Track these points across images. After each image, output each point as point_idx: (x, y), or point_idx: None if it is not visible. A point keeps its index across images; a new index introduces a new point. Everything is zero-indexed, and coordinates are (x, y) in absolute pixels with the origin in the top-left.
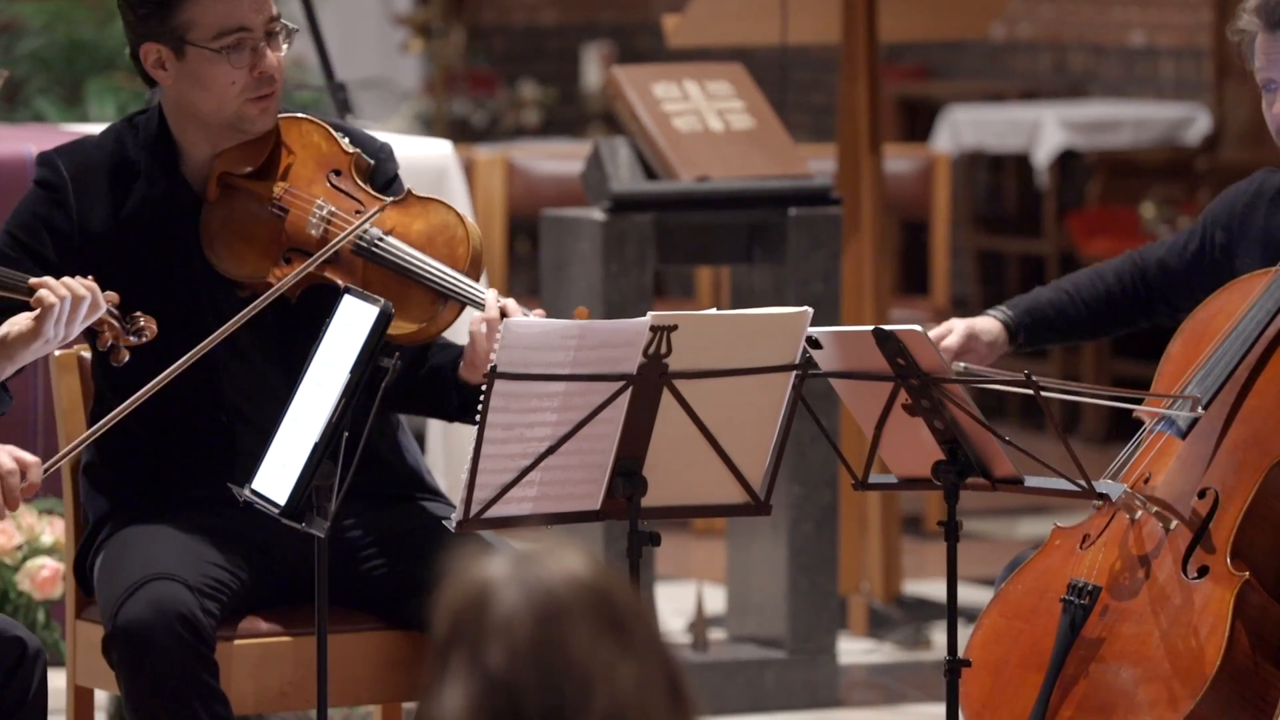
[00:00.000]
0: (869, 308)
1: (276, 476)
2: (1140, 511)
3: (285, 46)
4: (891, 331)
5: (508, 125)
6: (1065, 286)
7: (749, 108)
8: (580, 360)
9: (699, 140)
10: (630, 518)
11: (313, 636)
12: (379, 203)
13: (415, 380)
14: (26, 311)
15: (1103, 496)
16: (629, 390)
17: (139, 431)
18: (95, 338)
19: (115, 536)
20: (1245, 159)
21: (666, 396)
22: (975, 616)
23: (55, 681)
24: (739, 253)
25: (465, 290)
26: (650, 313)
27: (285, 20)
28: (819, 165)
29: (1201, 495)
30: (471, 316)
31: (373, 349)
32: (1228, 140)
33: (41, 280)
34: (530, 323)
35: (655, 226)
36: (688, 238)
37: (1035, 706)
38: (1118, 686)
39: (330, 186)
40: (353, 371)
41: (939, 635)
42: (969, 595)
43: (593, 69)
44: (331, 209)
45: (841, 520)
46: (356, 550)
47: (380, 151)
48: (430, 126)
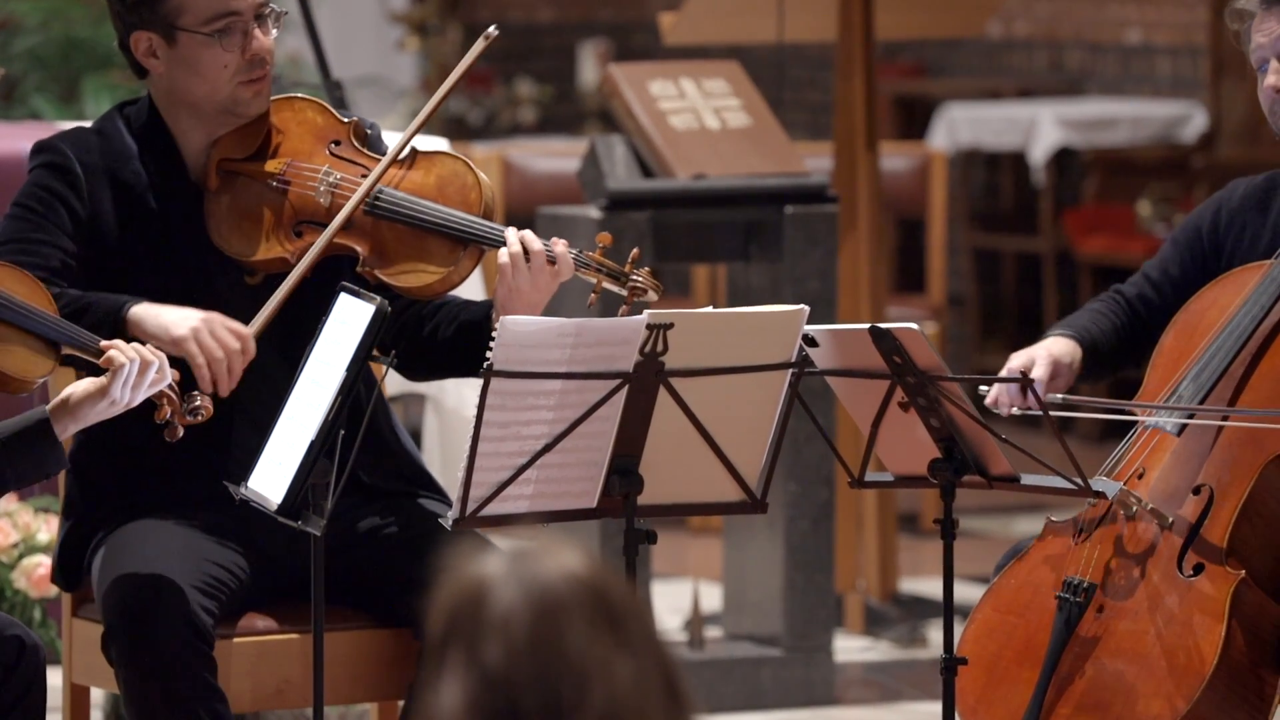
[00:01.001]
0: (865, 305)
1: (273, 474)
2: (1135, 509)
3: (275, 29)
4: (888, 329)
5: (504, 123)
6: (1090, 311)
7: (745, 105)
8: (576, 358)
9: (695, 138)
10: (626, 515)
11: (309, 634)
12: (381, 164)
13: (443, 342)
14: (91, 377)
15: (1098, 494)
16: (625, 388)
17: (134, 422)
18: (154, 410)
19: (114, 534)
20: (1241, 156)
21: (663, 394)
22: (970, 613)
23: (51, 679)
24: (735, 250)
25: (483, 231)
26: (646, 310)
27: (274, 4)
28: (815, 163)
29: (1196, 492)
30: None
31: (369, 346)
32: (1224, 138)
33: (112, 342)
34: (526, 321)
35: (652, 224)
36: (684, 235)
37: (1030, 703)
38: (1113, 684)
39: (332, 155)
40: (349, 369)
41: (935, 633)
42: (965, 593)
43: (589, 67)
44: (338, 175)
45: (838, 518)
46: (353, 549)
47: (373, 126)
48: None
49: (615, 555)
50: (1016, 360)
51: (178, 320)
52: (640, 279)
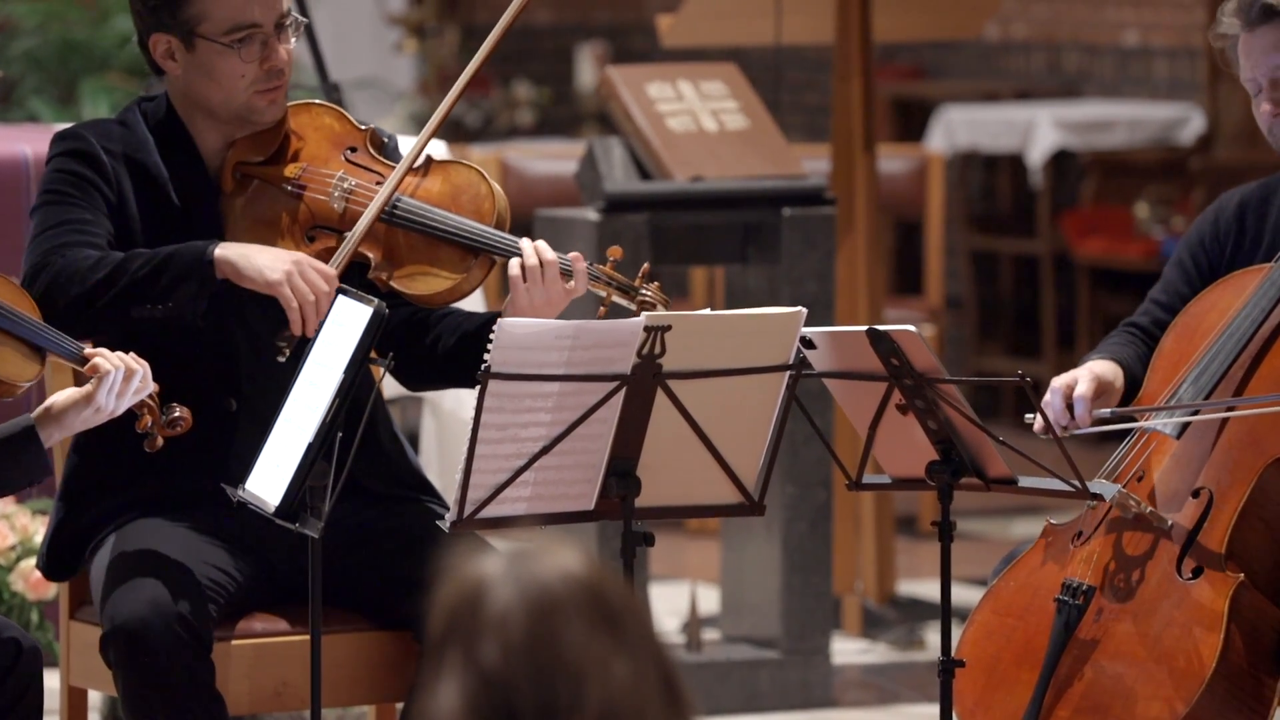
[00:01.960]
0: (863, 308)
1: (270, 476)
2: (1134, 511)
3: (294, 39)
4: (885, 331)
5: (502, 125)
6: (1115, 341)
7: (743, 108)
8: (574, 360)
9: (693, 140)
10: (624, 518)
11: (307, 636)
12: (396, 172)
13: (444, 352)
14: (74, 387)
15: (1097, 497)
16: (623, 390)
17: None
18: (135, 420)
19: (113, 535)
20: (1239, 159)
21: (660, 397)
22: (969, 616)
23: (49, 682)
24: (733, 253)
25: (496, 241)
26: (644, 313)
27: (294, 15)
28: (813, 165)
29: (1196, 495)
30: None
31: (367, 349)
32: (1222, 140)
33: (96, 351)
34: (524, 323)
35: (649, 226)
36: (682, 238)
37: (1029, 706)
38: (1112, 687)
39: (348, 161)
40: (347, 371)
41: (933, 635)
42: (963, 595)
43: (587, 69)
44: (353, 181)
45: (835, 520)
46: (351, 551)
47: (390, 138)
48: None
49: (613, 557)
50: (1059, 381)
51: (270, 264)
52: (650, 293)
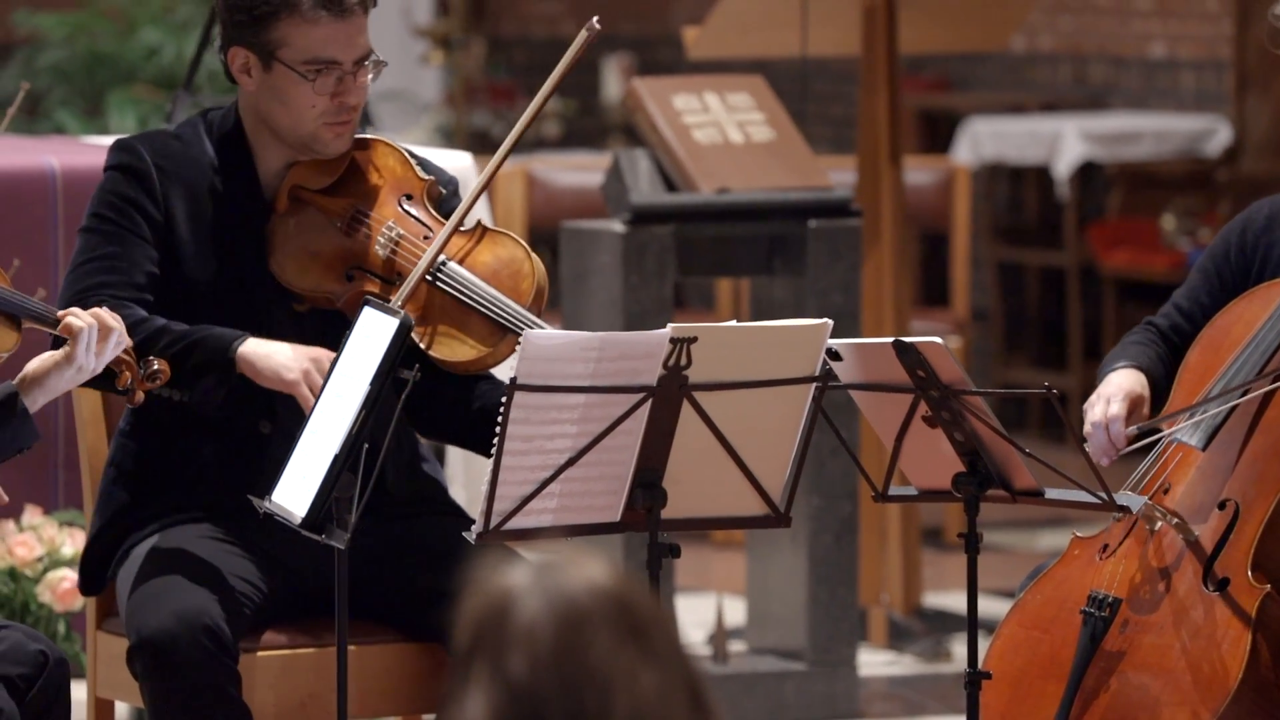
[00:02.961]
0: (889, 319)
1: (296, 488)
2: (1160, 523)
3: (372, 77)
4: (912, 343)
5: (528, 137)
6: (1132, 346)
7: (769, 119)
8: (600, 372)
9: (719, 152)
10: (650, 529)
11: (333, 648)
12: (447, 230)
13: (466, 417)
14: (52, 351)
15: (1123, 509)
16: (649, 402)
17: (176, 429)
18: (115, 378)
19: (140, 546)
20: (1266, 170)
21: (686, 408)
22: (995, 628)
23: (76, 693)
24: (759, 264)
25: (525, 323)
26: (670, 324)
27: (376, 55)
28: (839, 177)
29: (1222, 507)
30: None
31: (393, 360)
32: (1248, 152)
33: (68, 310)
34: (550, 334)
35: (675, 238)
36: (708, 249)
37: (1055, 718)
38: (1138, 699)
39: (401, 210)
40: (373, 383)
41: (959, 647)
42: (989, 607)
43: (613, 81)
44: (400, 231)
45: (861, 532)
46: (377, 562)
47: (449, 184)
48: (451, 138)
49: (639, 569)
50: (1098, 414)
51: (287, 363)
52: None
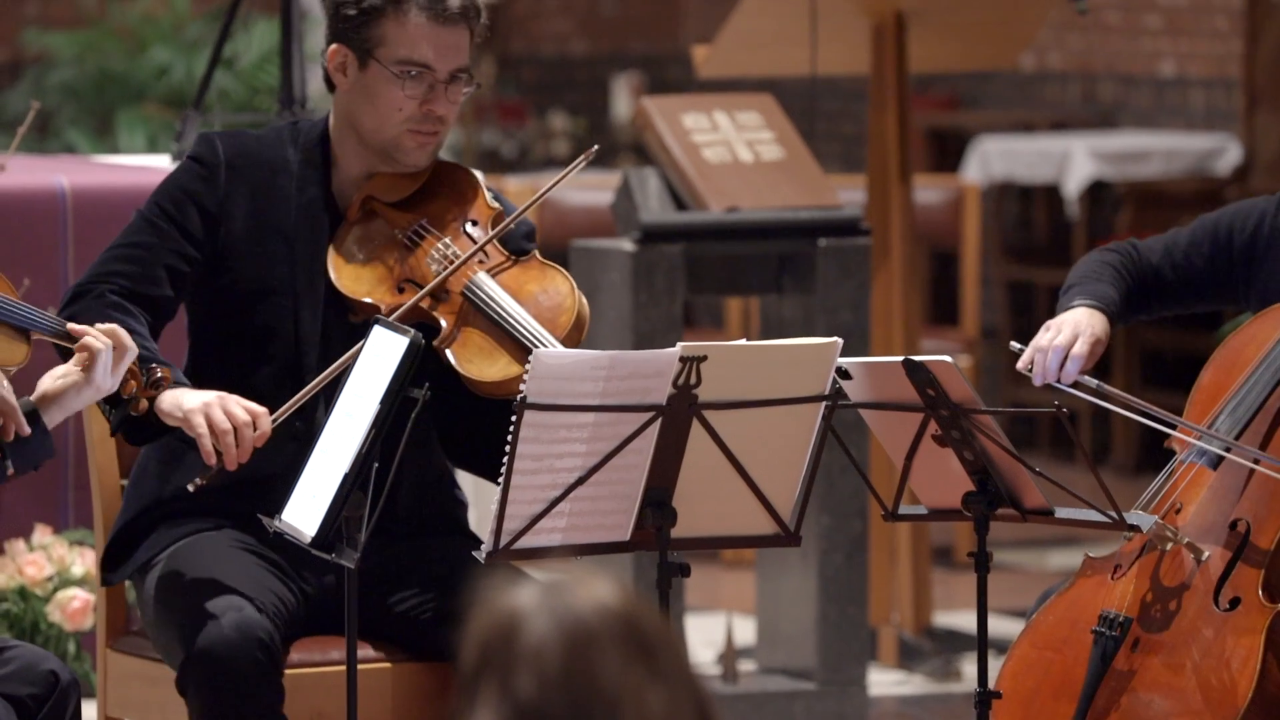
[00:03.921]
0: (899, 338)
1: (306, 507)
2: (1172, 543)
3: (466, 92)
4: (921, 362)
5: (538, 156)
6: (1112, 268)
7: (778, 138)
8: (610, 391)
9: (728, 171)
10: (660, 548)
11: (343, 667)
12: (505, 259)
13: (494, 444)
14: (60, 366)
15: (1133, 528)
16: (658, 421)
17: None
18: (120, 386)
19: (166, 555)
20: (1275, 189)
21: (696, 427)
22: (1005, 648)
23: (86, 713)
24: (768, 283)
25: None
26: (680, 343)
27: (472, 71)
28: (848, 195)
29: (1233, 527)
30: None
31: (403, 380)
32: (1258, 170)
33: (81, 328)
34: (560, 353)
35: (685, 257)
36: (717, 268)
37: None
38: (1149, 718)
39: (462, 232)
40: (382, 402)
41: (969, 667)
42: (999, 627)
43: (622, 99)
44: (456, 250)
45: (871, 551)
46: (386, 582)
47: (522, 224)
48: (460, 157)
49: (648, 588)
50: (1062, 340)
51: (191, 398)
52: None
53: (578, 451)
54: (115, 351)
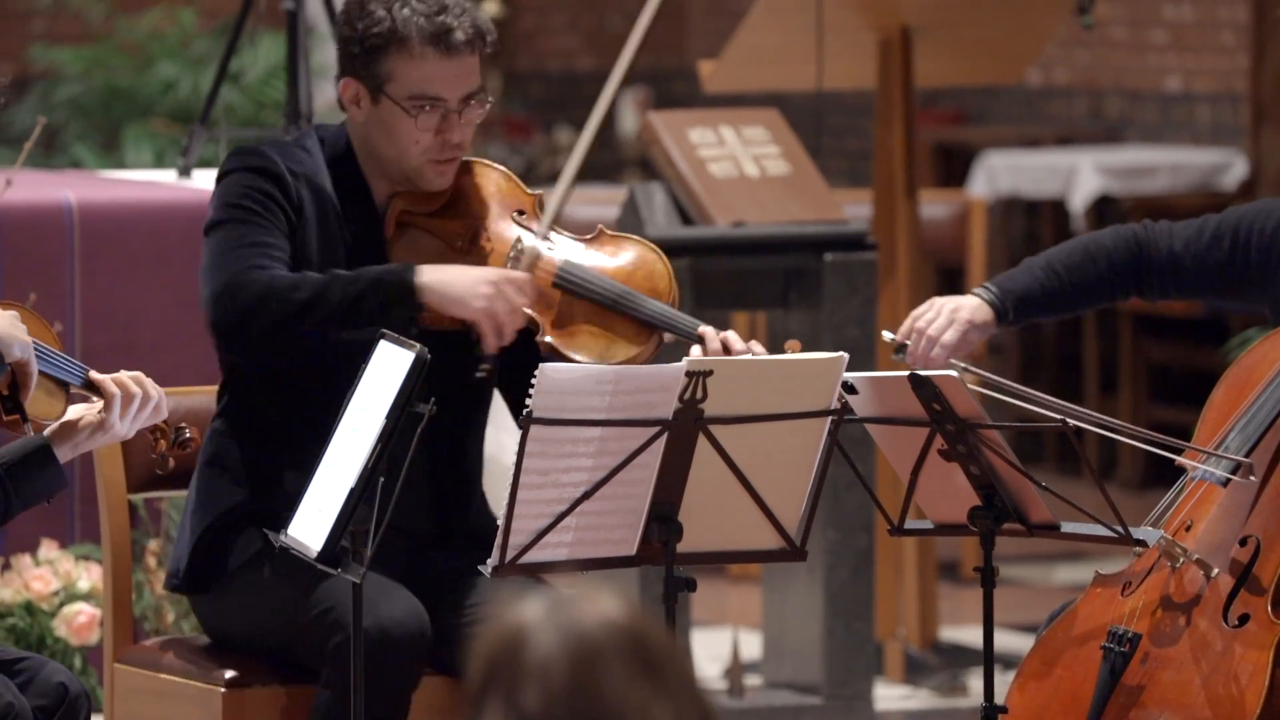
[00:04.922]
0: None
1: (312, 521)
2: (1181, 559)
3: (481, 113)
4: (927, 377)
5: (544, 170)
6: (1056, 267)
7: (785, 153)
8: (616, 405)
9: (734, 185)
10: (666, 563)
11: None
12: (577, 240)
13: None
14: (84, 404)
15: (1140, 543)
16: (665, 435)
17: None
18: (152, 446)
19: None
20: None
21: (702, 442)
22: (1012, 663)
23: None
24: (774, 298)
25: (676, 321)
26: (686, 358)
27: (484, 93)
28: (855, 210)
29: (1243, 543)
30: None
31: (408, 394)
32: (1264, 185)
33: (116, 377)
34: (565, 368)
35: (691, 271)
36: (723, 283)
37: None
38: None
39: (516, 225)
40: (388, 417)
41: (975, 681)
42: (1005, 641)
43: (629, 114)
44: (526, 245)
45: (877, 566)
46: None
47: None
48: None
49: (655, 603)
50: (935, 329)
51: (470, 291)
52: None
53: (584, 466)
54: (141, 402)
